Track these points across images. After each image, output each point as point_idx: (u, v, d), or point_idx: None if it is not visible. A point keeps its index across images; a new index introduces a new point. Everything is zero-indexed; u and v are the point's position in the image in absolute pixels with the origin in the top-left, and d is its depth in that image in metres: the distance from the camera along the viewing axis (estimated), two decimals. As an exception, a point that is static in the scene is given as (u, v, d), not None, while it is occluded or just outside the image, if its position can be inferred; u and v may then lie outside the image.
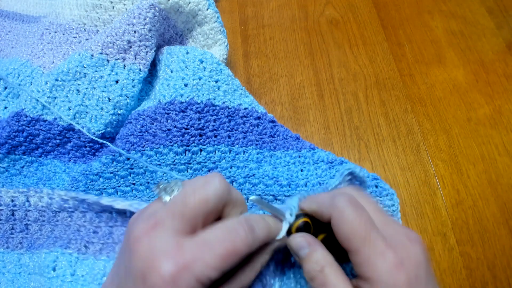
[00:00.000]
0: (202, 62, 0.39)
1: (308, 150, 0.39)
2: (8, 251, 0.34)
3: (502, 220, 0.36)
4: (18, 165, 0.39)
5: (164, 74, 0.39)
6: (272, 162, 0.39)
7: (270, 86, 0.46)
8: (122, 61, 0.39)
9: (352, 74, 0.46)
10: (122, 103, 0.39)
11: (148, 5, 0.39)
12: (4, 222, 0.35)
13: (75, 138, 0.39)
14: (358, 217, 0.23)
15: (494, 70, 0.45)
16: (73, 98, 0.38)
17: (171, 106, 0.37)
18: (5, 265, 0.33)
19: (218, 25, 0.45)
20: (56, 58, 0.45)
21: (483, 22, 0.49)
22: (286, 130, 0.40)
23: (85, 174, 0.37)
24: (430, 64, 0.46)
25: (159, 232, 0.21)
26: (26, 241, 0.34)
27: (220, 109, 0.38)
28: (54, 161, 0.39)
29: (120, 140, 0.37)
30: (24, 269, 0.33)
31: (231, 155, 0.38)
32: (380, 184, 0.36)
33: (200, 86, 0.38)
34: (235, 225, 0.22)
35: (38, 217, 0.35)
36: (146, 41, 0.40)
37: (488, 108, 0.42)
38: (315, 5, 0.53)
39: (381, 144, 0.41)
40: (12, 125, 0.37)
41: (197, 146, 0.37)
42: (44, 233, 0.34)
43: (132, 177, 0.37)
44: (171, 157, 0.36)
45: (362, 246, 0.22)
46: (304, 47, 0.49)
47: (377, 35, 0.49)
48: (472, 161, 0.39)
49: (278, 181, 0.37)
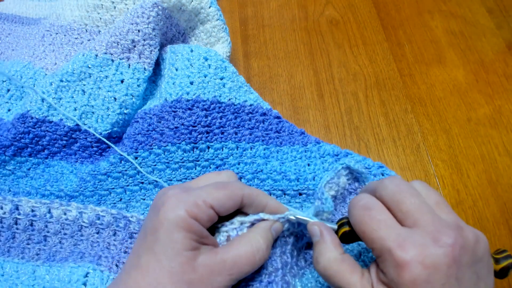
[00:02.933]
0: (206, 59, 0.39)
1: (314, 145, 0.39)
2: (23, 262, 0.33)
3: (502, 220, 0.36)
4: (25, 167, 0.39)
5: (169, 73, 0.39)
6: (279, 157, 0.39)
7: (270, 86, 0.46)
8: (126, 61, 0.40)
9: (352, 74, 0.46)
10: (128, 102, 0.39)
11: (151, 4, 0.39)
12: (21, 232, 0.34)
13: (82, 139, 0.39)
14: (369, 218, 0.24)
15: (494, 70, 0.45)
16: (78, 98, 0.38)
17: (177, 104, 0.37)
18: (19, 276, 0.32)
19: (221, 23, 0.45)
20: (58, 59, 0.45)
21: (483, 22, 0.49)
22: (291, 125, 0.41)
23: (93, 174, 0.37)
24: (430, 64, 0.46)
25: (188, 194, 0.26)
26: (44, 253, 0.33)
27: (226, 106, 0.39)
28: (61, 162, 0.40)
29: (128, 139, 0.37)
30: (38, 281, 0.32)
31: (238, 151, 0.38)
32: (386, 172, 0.36)
33: (205, 84, 0.38)
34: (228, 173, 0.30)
35: (59, 230, 0.34)
36: (150, 40, 0.40)
37: (488, 108, 0.43)
38: (315, 5, 0.53)
39: (381, 144, 0.41)
40: (18, 127, 0.37)
41: (204, 143, 0.37)
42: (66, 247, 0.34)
43: (140, 176, 0.37)
44: (179, 155, 0.37)
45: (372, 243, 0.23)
46: (304, 47, 0.49)
47: (377, 35, 0.49)
48: (472, 161, 0.39)
49: (286, 176, 0.37)
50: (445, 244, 0.21)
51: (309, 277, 0.31)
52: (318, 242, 0.26)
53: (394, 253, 0.22)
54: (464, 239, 0.22)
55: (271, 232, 0.28)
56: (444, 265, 0.21)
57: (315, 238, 0.26)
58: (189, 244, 0.24)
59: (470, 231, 0.23)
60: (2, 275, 0.32)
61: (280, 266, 0.28)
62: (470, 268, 0.22)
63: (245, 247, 0.26)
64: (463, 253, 0.22)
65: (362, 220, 0.24)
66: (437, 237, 0.22)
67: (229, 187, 0.27)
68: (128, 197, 0.37)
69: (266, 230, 0.27)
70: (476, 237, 0.23)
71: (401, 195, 0.24)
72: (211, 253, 0.25)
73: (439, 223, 0.22)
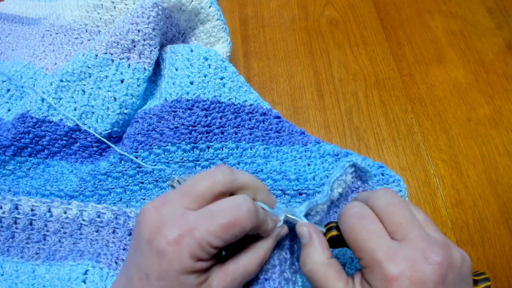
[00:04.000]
0: (206, 59, 0.39)
1: (314, 144, 0.39)
2: (23, 261, 0.33)
3: (502, 220, 0.36)
4: (25, 167, 0.39)
5: (169, 73, 0.39)
6: (279, 157, 0.39)
7: (270, 86, 0.46)
8: (126, 61, 0.40)
9: (352, 74, 0.46)
10: (128, 102, 0.39)
11: (151, 4, 0.39)
12: (21, 231, 0.34)
13: (82, 139, 0.39)
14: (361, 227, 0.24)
15: (494, 70, 0.45)
16: (78, 98, 0.38)
17: (177, 104, 0.37)
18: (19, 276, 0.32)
19: (221, 23, 0.45)
20: (59, 59, 0.45)
21: (483, 22, 0.49)
22: (291, 125, 0.41)
23: (93, 174, 0.37)
24: (430, 64, 0.46)
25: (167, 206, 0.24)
26: (44, 252, 0.33)
27: (226, 106, 0.39)
28: (61, 162, 0.40)
29: (128, 139, 0.37)
30: (38, 280, 0.32)
31: (238, 151, 0.38)
32: (386, 172, 0.36)
33: (205, 84, 0.38)
34: (239, 200, 0.24)
35: (59, 229, 0.34)
36: (150, 40, 0.40)
37: (488, 108, 0.43)
38: (315, 5, 0.53)
39: (381, 144, 0.41)
40: (18, 127, 0.37)
41: (204, 143, 0.37)
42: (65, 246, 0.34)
43: (140, 176, 0.37)
44: (179, 155, 0.37)
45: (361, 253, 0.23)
46: (304, 47, 0.49)
47: (377, 35, 0.49)
48: (472, 161, 0.39)
49: (286, 176, 0.37)
50: (434, 262, 0.21)
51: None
52: (306, 244, 0.26)
53: (383, 266, 0.22)
54: (451, 258, 0.22)
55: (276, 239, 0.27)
56: (431, 282, 0.21)
57: (304, 240, 0.26)
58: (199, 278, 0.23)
59: (457, 251, 0.23)
60: (1, 274, 0.32)
61: (277, 263, 0.28)
62: (454, 287, 0.22)
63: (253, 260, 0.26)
64: (450, 271, 0.22)
65: (353, 228, 0.24)
66: (426, 254, 0.22)
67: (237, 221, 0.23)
68: (128, 197, 0.37)
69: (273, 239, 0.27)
70: (462, 257, 0.23)
71: (394, 207, 0.24)
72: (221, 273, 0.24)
73: (429, 240, 0.23)
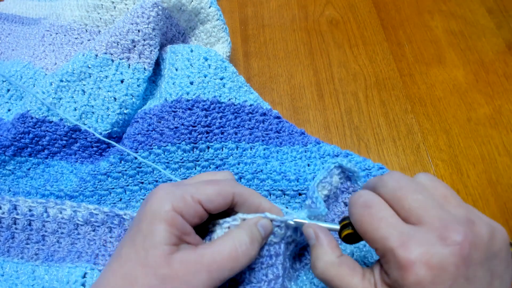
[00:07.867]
0: (206, 59, 0.39)
1: (314, 145, 0.39)
2: (23, 262, 0.33)
3: (502, 220, 0.36)
4: (25, 167, 0.39)
5: (169, 73, 0.39)
6: (279, 157, 0.39)
7: (270, 86, 0.46)
8: (126, 61, 0.40)
9: (352, 74, 0.46)
10: (128, 102, 0.39)
11: (151, 4, 0.39)
12: (20, 231, 0.34)
13: (82, 139, 0.39)
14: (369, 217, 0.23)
15: (494, 70, 0.45)
16: (78, 98, 0.38)
17: (177, 104, 0.37)
18: (19, 276, 0.32)
19: (221, 23, 0.45)
20: (59, 59, 0.45)
21: (483, 22, 0.49)
22: (291, 125, 0.41)
23: (93, 174, 0.37)
24: (430, 64, 0.46)
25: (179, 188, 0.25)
26: (43, 252, 0.33)
27: (226, 106, 0.39)
28: (61, 162, 0.40)
29: (128, 139, 0.37)
30: (38, 281, 0.31)
31: (238, 151, 0.38)
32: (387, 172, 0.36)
33: (205, 84, 0.38)
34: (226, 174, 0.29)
35: (57, 229, 0.34)
36: (150, 40, 0.40)
37: (488, 108, 0.43)
38: (315, 5, 0.53)
39: (381, 144, 0.41)
40: (18, 127, 0.37)
41: (204, 143, 0.37)
42: (64, 246, 0.33)
43: (140, 176, 0.37)
44: (179, 155, 0.37)
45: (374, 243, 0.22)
46: (304, 47, 0.49)
47: (377, 35, 0.49)
48: (472, 161, 0.39)
49: (286, 176, 0.37)
50: (453, 242, 0.20)
51: (303, 279, 0.31)
52: (314, 245, 0.25)
53: (396, 253, 0.20)
54: (475, 235, 0.20)
55: (257, 228, 0.26)
56: (452, 265, 0.19)
57: (311, 242, 0.25)
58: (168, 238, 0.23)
59: (484, 225, 0.21)
60: (2, 275, 0.32)
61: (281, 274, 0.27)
62: (482, 266, 0.20)
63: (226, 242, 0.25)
64: (474, 250, 0.20)
65: (362, 220, 0.23)
66: (444, 234, 0.20)
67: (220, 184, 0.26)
68: (128, 197, 0.37)
69: (250, 226, 0.26)
70: (491, 231, 0.21)
71: (402, 192, 0.22)
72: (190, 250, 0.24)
73: (447, 219, 0.21)
